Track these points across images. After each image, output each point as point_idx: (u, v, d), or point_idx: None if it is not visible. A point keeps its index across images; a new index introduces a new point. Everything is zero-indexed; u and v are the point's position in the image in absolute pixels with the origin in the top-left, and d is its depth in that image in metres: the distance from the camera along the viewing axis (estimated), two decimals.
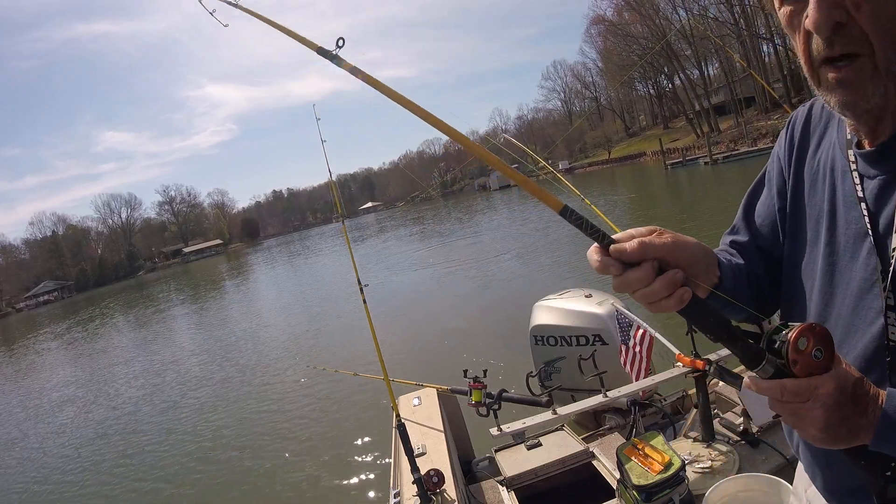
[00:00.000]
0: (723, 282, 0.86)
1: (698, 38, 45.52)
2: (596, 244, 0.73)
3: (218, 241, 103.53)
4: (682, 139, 51.33)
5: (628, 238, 0.74)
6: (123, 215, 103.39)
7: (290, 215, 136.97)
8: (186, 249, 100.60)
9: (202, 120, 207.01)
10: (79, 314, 38.38)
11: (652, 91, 66.66)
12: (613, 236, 0.74)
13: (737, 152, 35.48)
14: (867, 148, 0.76)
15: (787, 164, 0.93)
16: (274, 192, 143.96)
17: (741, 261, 0.96)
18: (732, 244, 1.00)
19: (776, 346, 0.65)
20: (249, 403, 8.10)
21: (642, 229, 0.77)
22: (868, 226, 0.75)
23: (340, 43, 0.98)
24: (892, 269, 0.72)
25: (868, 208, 0.75)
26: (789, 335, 0.64)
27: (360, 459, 5.37)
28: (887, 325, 0.71)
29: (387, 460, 2.62)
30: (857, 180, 0.77)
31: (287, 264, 37.05)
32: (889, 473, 0.68)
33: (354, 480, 5.03)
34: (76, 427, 9.36)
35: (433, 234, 30.14)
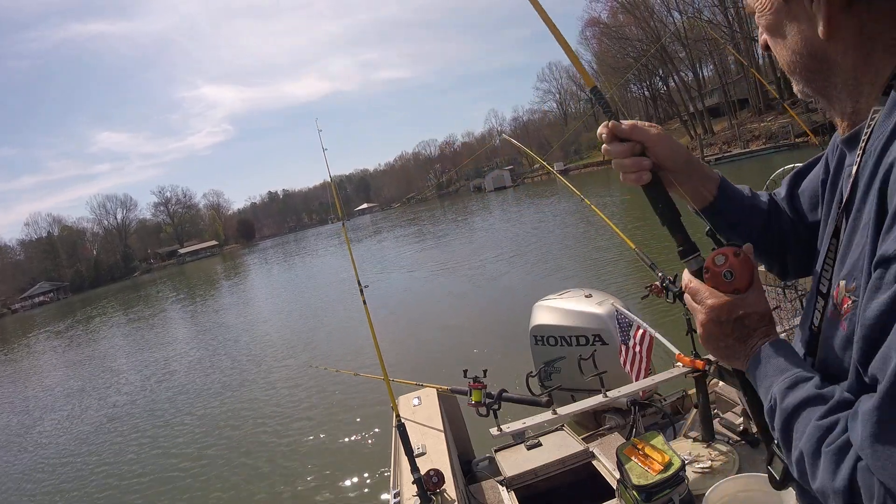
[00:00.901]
0: (716, 201, 0.95)
1: (692, 40, 45.71)
2: (607, 120, 0.91)
3: (213, 243, 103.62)
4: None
5: (631, 124, 0.90)
6: (119, 216, 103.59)
7: (286, 216, 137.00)
8: (182, 250, 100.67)
9: (198, 121, 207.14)
10: (76, 315, 38.37)
11: (647, 93, 66.87)
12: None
13: (729, 154, 36.01)
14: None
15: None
16: (269, 193, 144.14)
17: (765, 208, 0.98)
18: (770, 196, 1.02)
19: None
20: (249, 403, 8.10)
21: (646, 123, 0.91)
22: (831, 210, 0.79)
23: None
24: (822, 256, 0.76)
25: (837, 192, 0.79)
26: (719, 249, 0.78)
27: (359, 459, 5.37)
28: (814, 310, 0.75)
29: (387, 460, 2.61)
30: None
31: (284, 265, 37.08)
32: (776, 443, 0.72)
33: (354, 480, 5.03)
34: (74, 427, 9.35)
35: (430, 235, 30.17)
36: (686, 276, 0.82)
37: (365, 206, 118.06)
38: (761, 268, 0.97)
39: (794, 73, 0.73)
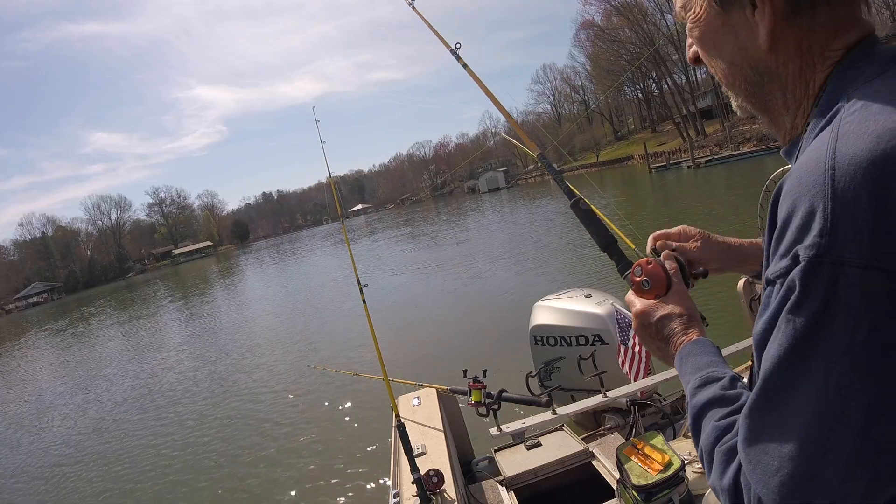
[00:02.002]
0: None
1: (685, 42, 45.87)
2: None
3: (208, 243, 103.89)
4: (669, 143, 52.05)
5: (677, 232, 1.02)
6: (113, 217, 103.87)
7: (280, 217, 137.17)
8: (176, 251, 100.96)
9: (191, 121, 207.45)
10: (72, 314, 38.38)
11: (640, 95, 67.04)
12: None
13: (720, 156, 36.41)
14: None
15: None
16: (264, 194, 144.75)
17: None
18: None
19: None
20: (248, 403, 8.09)
21: (689, 230, 1.03)
22: None
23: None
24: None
25: None
26: (636, 262, 0.88)
27: (359, 459, 5.36)
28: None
29: (386, 460, 2.61)
30: None
31: (280, 266, 37.13)
32: None
33: (354, 480, 5.02)
34: (70, 428, 9.35)
35: (426, 236, 30.26)
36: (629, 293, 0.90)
37: (360, 206, 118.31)
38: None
39: (733, 87, 0.72)
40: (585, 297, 3.72)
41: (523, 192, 52.87)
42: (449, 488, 2.20)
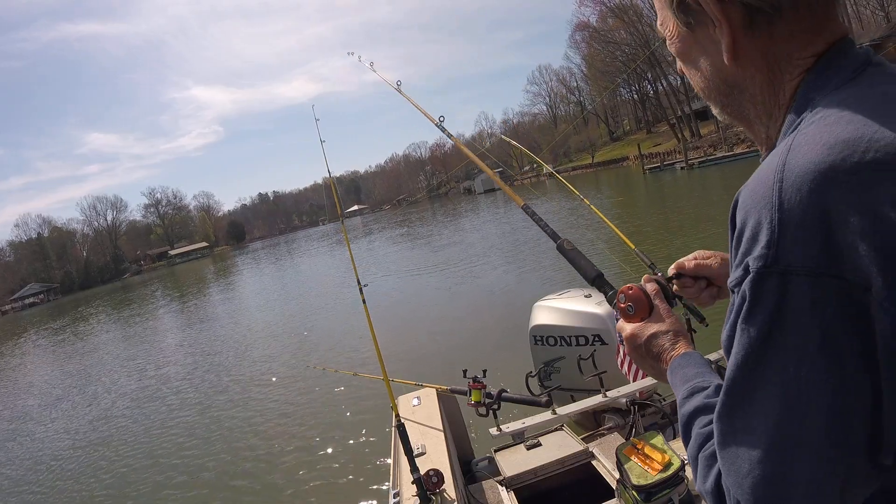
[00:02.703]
0: None
1: None
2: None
3: (204, 244, 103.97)
4: (665, 143, 52.19)
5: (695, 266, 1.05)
6: (109, 217, 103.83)
7: (276, 218, 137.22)
8: (172, 252, 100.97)
9: (188, 122, 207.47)
10: (69, 315, 38.32)
11: (636, 96, 67.17)
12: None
13: (713, 157, 36.67)
14: None
15: None
16: (260, 194, 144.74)
17: None
18: None
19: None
20: (247, 403, 8.09)
21: (706, 255, 1.05)
22: None
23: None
24: None
25: None
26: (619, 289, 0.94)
27: (359, 459, 5.36)
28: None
29: (386, 460, 2.61)
30: None
31: (277, 266, 37.11)
32: None
33: (354, 480, 5.02)
34: (68, 428, 9.35)
35: (423, 236, 30.26)
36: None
37: (356, 207, 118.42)
38: None
39: (710, 99, 0.74)
40: (585, 297, 3.72)
41: (519, 193, 52.88)
42: (449, 488, 2.20)
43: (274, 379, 9.03)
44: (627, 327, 0.91)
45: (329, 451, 5.78)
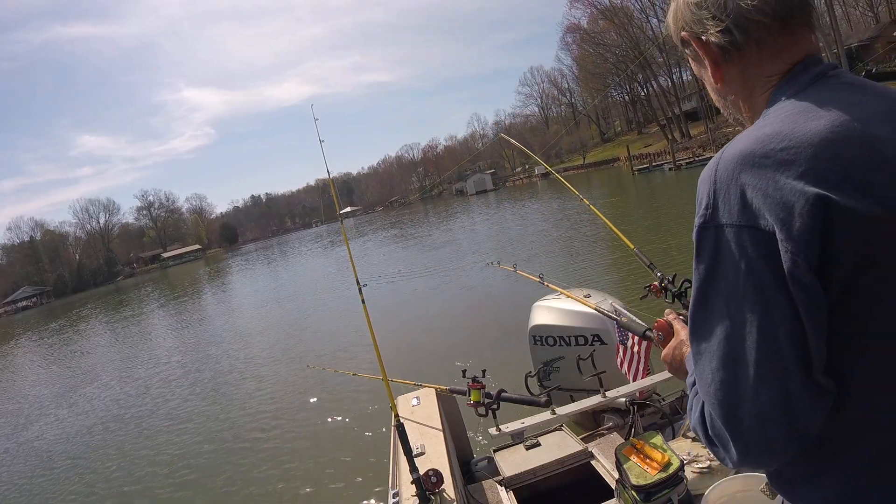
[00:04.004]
0: None
1: (670, 45, 46.11)
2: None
3: (197, 247, 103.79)
4: (655, 144, 52.49)
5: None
6: (102, 220, 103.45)
7: (269, 220, 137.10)
8: (165, 254, 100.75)
9: (180, 124, 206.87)
10: (65, 317, 38.20)
11: (627, 97, 67.32)
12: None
13: (701, 158, 37.12)
14: None
15: None
16: (253, 196, 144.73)
17: None
18: None
19: None
20: (247, 404, 8.08)
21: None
22: None
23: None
24: None
25: None
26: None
27: (358, 459, 5.36)
28: None
29: (385, 460, 2.61)
30: None
31: (272, 267, 37.14)
32: None
33: (353, 480, 5.02)
34: (65, 429, 9.33)
35: (416, 237, 30.29)
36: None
37: (348, 209, 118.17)
38: None
39: (717, 104, 0.93)
40: (584, 297, 3.72)
41: (511, 194, 53.07)
42: (448, 488, 2.19)
43: (273, 379, 9.02)
44: (663, 352, 1.09)
45: (328, 451, 5.77)
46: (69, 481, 6.93)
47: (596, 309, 3.27)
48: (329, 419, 6.60)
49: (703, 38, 0.83)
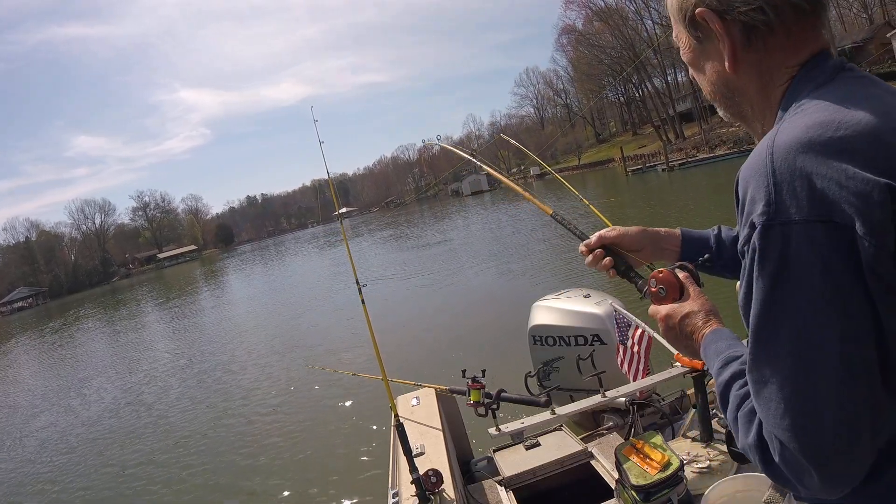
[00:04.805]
0: (681, 250, 1.18)
1: (665, 47, 46.29)
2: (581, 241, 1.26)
3: (192, 247, 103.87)
4: (650, 145, 52.68)
5: (596, 237, 1.19)
6: (97, 221, 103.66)
7: (265, 221, 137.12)
8: (161, 255, 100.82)
9: (175, 125, 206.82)
10: (62, 318, 38.12)
11: (622, 98, 67.47)
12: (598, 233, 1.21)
13: (694, 159, 37.56)
14: None
15: None
16: (248, 197, 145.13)
17: (713, 241, 1.19)
18: (720, 228, 1.24)
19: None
20: (246, 403, 8.08)
21: (605, 230, 1.19)
22: None
23: None
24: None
25: None
26: (651, 274, 0.98)
27: (358, 459, 5.36)
28: None
29: (385, 460, 2.61)
30: None
31: (268, 268, 37.11)
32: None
33: (353, 480, 5.01)
34: (66, 429, 9.32)
35: (412, 238, 30.31)
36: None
37: (344, 209, 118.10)
38: None
39: (715, 101, 0.87)
40: (584, 297, 3.72)
41: (506, 195, 53.14)
42: (448, 488, 2.19)
43: (272, 378, 9.02)
44: (662, 309, 0.95)
45: (328, 450, 5.77)
46: (66, 475, 6.93)
47: (595, 309, 3.27)
48: (329, 419, 6.59)
49: (727, 17, 0.76)
